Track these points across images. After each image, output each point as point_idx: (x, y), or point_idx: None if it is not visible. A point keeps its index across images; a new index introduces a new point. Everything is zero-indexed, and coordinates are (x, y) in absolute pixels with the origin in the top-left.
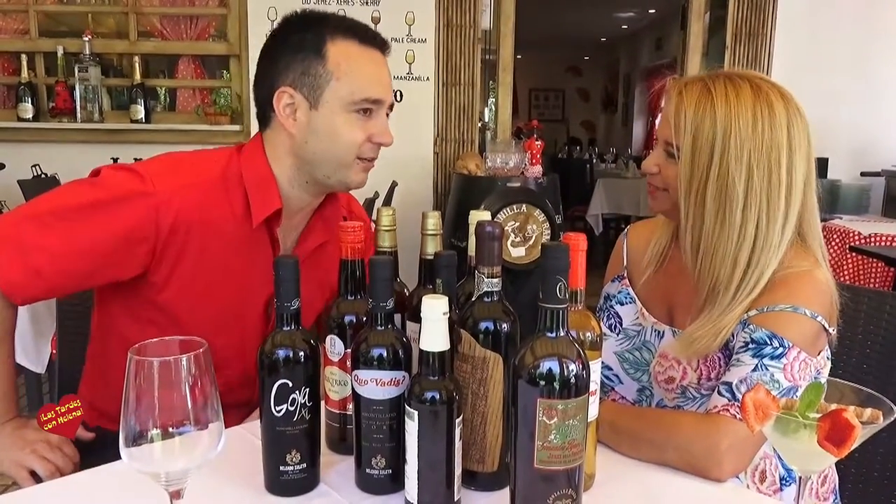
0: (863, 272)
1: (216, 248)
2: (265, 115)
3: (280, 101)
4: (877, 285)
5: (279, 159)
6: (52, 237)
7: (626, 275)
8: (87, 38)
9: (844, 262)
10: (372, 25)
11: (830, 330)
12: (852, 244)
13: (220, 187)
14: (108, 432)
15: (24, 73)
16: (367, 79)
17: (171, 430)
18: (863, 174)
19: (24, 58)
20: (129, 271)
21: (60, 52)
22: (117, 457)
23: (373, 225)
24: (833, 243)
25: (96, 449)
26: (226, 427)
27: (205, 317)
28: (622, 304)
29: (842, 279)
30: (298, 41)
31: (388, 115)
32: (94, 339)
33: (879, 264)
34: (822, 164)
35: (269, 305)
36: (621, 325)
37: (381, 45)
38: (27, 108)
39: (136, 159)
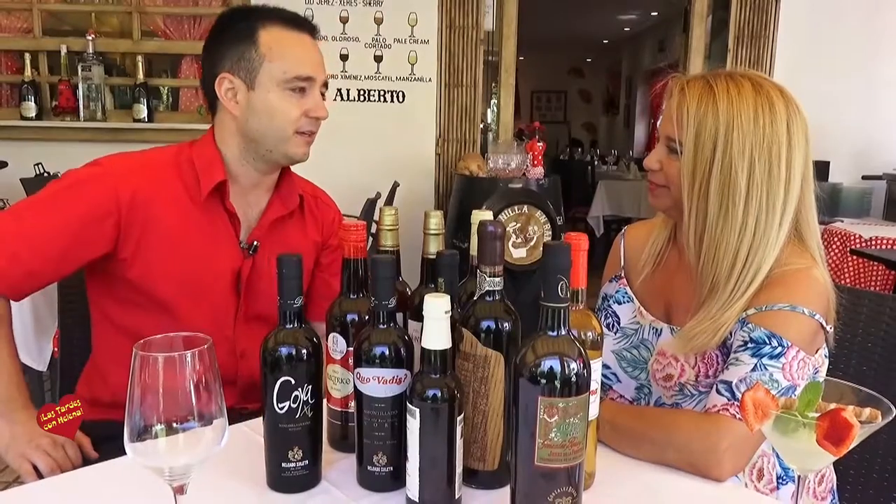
0: (863, 275)
1: (175, 223)
2: (212, 104)
3: (221, 86)
4: (878, 288)
5: (226, 141)
6: (26, 224)
7: (623, 274)
8: (90, 38)
9: (845, 266)
10: (375, 27)
11: (828, 328)
12: (853, 247)
13: (174, 168)
14: (104, 423)
15: (28, 72)
16: (297, 58)
17: (175, 425)
18: (864, 177)
19: (27, 56)
20: (100, 248)
21: (64, 50)
22: (116, 447)
23: (373, 225)
24: (834, 246)
25: (101, 442)
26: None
27: (175, 292)
28: (620, 303)
29: (842, 282)
30: (233, 31)
31: (323, 93)
32: (92, 330)
33: (880, 267)
34: (824, 168)
35: (237, 279)
36: (619, 323)
37: (309, 28)
38: (30, 107)
39: None
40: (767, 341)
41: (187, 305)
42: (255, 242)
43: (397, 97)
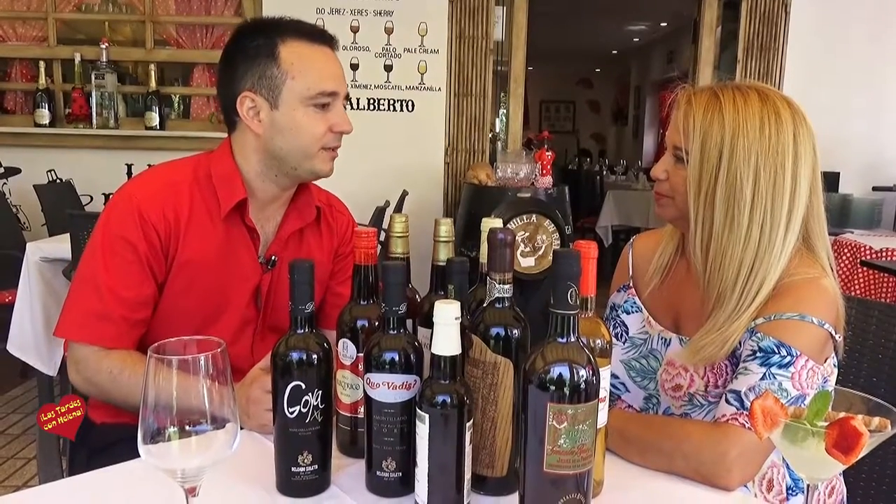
0: (874, 287)
1: (198, 240)
2: (231, 120)
3: (243, 105)
4: (888, 300)
5: (247, 157)
6: (111, 288)
7: (631, 284)
8: (103, 46)
9: (855, 277)
10: (385, 36)
11: (837, 337)
12: (863, 258)
13: (193, 186)
14: (121, 426)
15: (42, 80)
16: (320, 73)
17: (187, 428)
18: (874, 189)
19: (42, 64)
20: (164, 272)
21: (78, 59)
22: (131, 449)
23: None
24: (844, 257)
25: (109, 446)
26: None
27: (198, 307)
28: (628, 312)
29: (853, 294)
30: (253, 48)
31: (344, 106)
32: None
33: (891, 279)
34: (834, 179)
35: (257, 293)
36: (628, 333)
37: (329, 41)
38: (44, 114)
39: (149, 165)
40: (776, 350)
41: (209, 320)
42: (274, 257)
43: (407, 106)
